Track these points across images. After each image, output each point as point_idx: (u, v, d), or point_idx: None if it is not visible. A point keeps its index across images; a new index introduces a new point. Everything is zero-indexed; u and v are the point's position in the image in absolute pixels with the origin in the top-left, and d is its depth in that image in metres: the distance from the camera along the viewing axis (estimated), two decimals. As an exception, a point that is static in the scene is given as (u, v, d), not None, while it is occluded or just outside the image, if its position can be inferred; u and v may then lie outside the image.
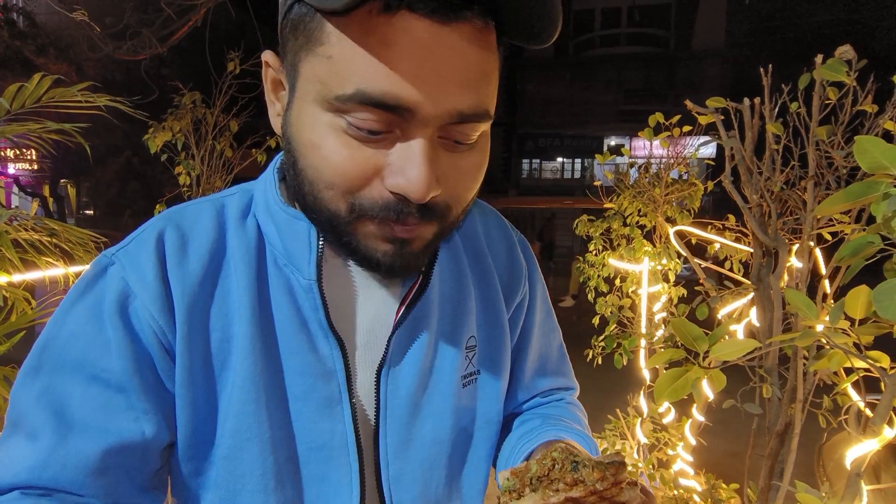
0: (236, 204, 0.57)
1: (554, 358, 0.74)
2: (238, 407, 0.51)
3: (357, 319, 0.57)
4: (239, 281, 0.53)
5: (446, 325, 0.61)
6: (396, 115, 0.44)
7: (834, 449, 1.77)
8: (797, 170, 1.15)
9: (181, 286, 0.51)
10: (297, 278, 0.54)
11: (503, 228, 0.71)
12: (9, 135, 1.39)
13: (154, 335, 0.50)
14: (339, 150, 0.46)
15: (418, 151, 0.45)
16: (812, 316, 0.66)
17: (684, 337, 0.66)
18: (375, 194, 0.47)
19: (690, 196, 1.88)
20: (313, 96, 0.46)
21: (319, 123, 0.46)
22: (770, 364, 1.21)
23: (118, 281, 0.51)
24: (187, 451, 0.52)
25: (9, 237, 1.25)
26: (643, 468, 1.76)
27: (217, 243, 0.54)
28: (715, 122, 1.24)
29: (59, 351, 0.50)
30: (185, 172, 2.55)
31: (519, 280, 0.69)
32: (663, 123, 1.68)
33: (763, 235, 1.18)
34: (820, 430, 1.32)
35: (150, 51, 3.28)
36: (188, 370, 0.51)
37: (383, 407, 0.57)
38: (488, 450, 0.64)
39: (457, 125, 0.47)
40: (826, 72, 0.95)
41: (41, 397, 0.49)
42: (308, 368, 0.54)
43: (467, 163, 0.50)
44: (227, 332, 0.52)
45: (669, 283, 2.00)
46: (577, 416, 0.71)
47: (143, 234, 0.54)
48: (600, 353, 2.00)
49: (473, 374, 0.63)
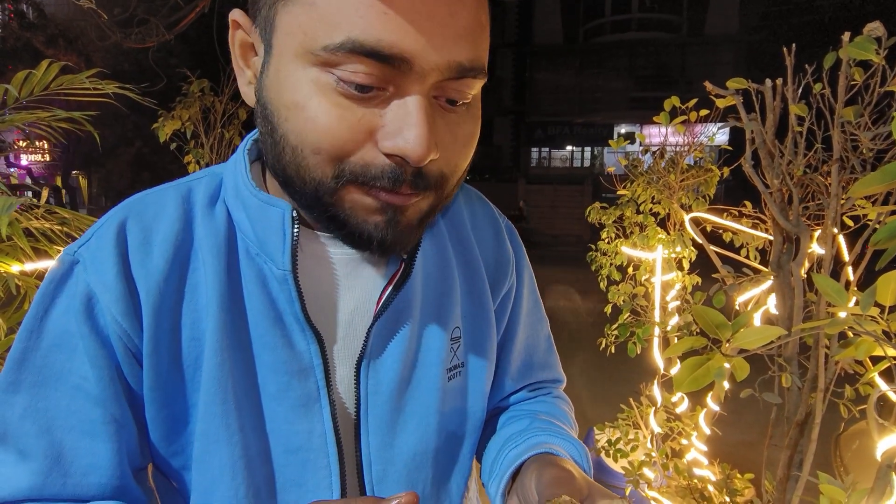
0: (203, 189, 0.53)
1: (541, 349, 0.71)
2: (204, 408, 0.48)
3: (337, 311, 0.53)
4: (208, 274, 0.49)
5: (430, 315, 0.57)
6: (391, 68, 0.40)
7: (851, 439, 1.74)
8: (820, 153, 1.11)
9: (146, 285, 0.47)
10: (270, 268, 0.50)
11: (490, 215, 0.67)
12: (18, 123, 1.39)
13: (118, 338, 0.47)
14: (328, 110, 0.41)
15: (416, 109, 0.41)
16: (842, 302, 0.64)
17: (706, 324, 0.64)
18: (368, 158, 0.43)
19: (706, 182, 1.84)
20: (294, 50, 0.42)
21: (303, 81, 0.42)
22: (790, 353, 1.18)
23: (82, 283, 0.47)
24: (169, 448, 0.50)
25: (20, 226, 1.25)
26: (657, 458, 1.74)
27: (183, 234, 0.50)
28: (733, 105, 1.20)
29: (41, 363, 0.47)
30: (195, 161, 2.55)
31: (506, 269, 0.65)
32: (679, 108, 1.64)
33: (784, 221, 1.15)
34: (835, 420, 1.29)
35: (158, 38, 3.27)
36: (156, 372, 0.48)
37: (364, 404, 0.53)
38: (473, 443, 0.62)
39: (454, 81, 0.43)
40: (854, 50, 0.91)
41: (26, 414, 0.46)
42: (282, 365, 0.50)
43: (462, 129, 0.47)
44: (198, 330, 0.49)
45: (684, 270, 1.97)
46: (564, 411, 0.69)
47: (102, 227, 0.50)
48: (613, 341, 1.98)
49: (458, 366, 0.59)
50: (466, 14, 0.42)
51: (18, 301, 1.34)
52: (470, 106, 0.47)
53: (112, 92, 1.46)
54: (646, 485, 1.73)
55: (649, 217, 1.96)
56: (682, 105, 1.65)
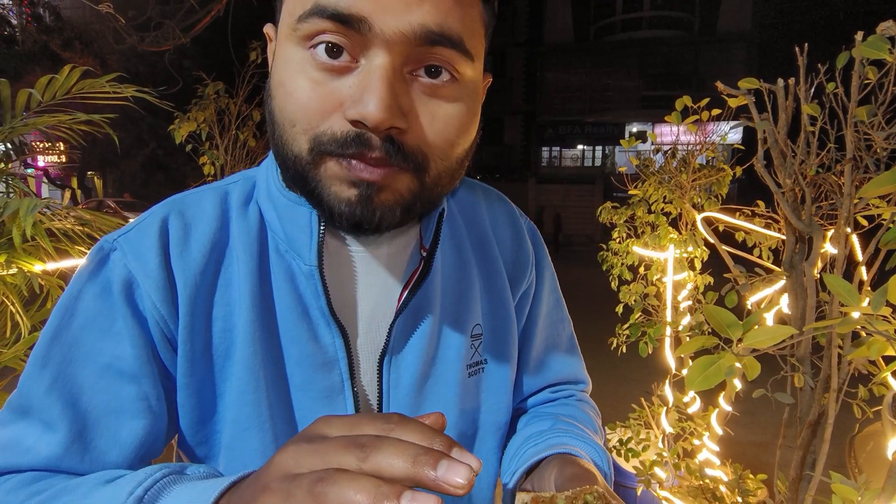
0: (239, 191, 0.56)
1: (562, 349, 0.72)
2: (237, 396, 0.51)
3: (358, 307, 0.56)
4: (241, 269, 0.52)
5: (449, 312, 0.59)
6: (355, 32, 0.42)
7: (866, 440, 1.73)
8: (833, 153, 1.11)
9: (184, 275, 0.50)
10: (298, 264, 0.52)
11: (510, 215, 0.69)
12: (41, 126, 1.42)
13: (156, 324, 0.50)
14: (303, 84, 0.44)
15: (377, 75, 0.43)
16: (853, 302, 0.64)
17: (717, 324, 0.64)
18: (336, 128, 0.44)
19: (718, 182, 1.83)
20: (284, 33, 0.46)
21: (290, 62, 0.45)
22: (802, 353, 1.18)
23: (121, 268, 0.50)
24: (196, 437, 0.52)
25: (42, 226, 1.28)
26: (668, 457, 1.74)
27: (220, 232, 0.53)
28: (744, 104, 1.20)
29: (72, 340, 0.49)
30: (210, 162, 2.58)
31: (525, 267, 0.66)
32: (691, 107, 1.64)
33: (797, 221, 1.15)
34: (848, 420, 1.29)
35: (174, 42, 3.31)
36: (190, 359, 0.50)
37: (386, 396, 0.55)
38: (497, 441, 0.63)
39: (427, 50, 0.44)
40: (867, 49, 0.91)
41: (53, 387, 0.48)
42: (309, 358, 0.52)
43: (446, 110, 0.47)
44: (230, 322, 0.51)
45: (695, 270, 1.97)
46: (588, 416, 0.68)
47: (145, 221, 0.53)
48: (624, 341, 1.98)
49: (480, 363, 0.61)
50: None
51: (41, 299, 1.38)
52: (459, 86, 0.47)
53: (131, 95, 1.49)
54: (657, 484, 1.73)
55: (661, 217, 1.96)
56: (694, 104, 1.65)
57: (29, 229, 1.09)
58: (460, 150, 0.49)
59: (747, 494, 1.58)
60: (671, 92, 17.12)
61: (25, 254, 1.29)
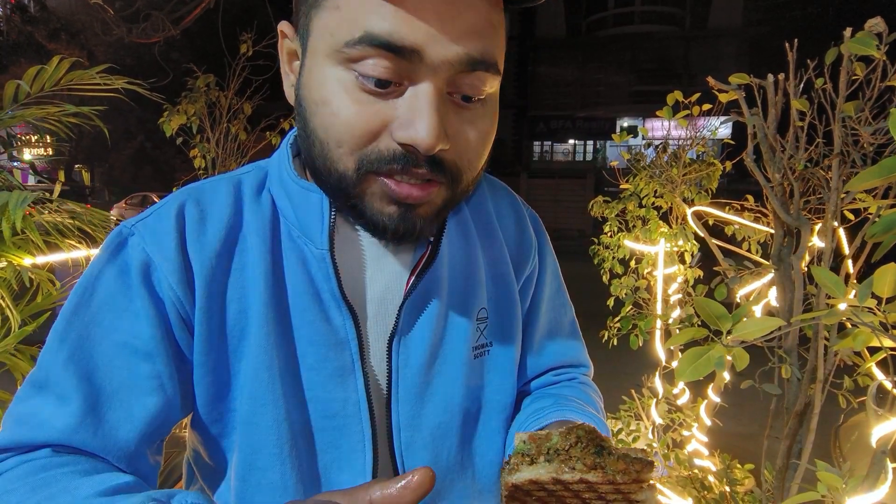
0: (252, 180, 0.59)
1: (565, 332, 0.74)
2: (252, 374, 0.52)
3: (368, 290, 0.58)
4: (254, 254, 0.54)
5: (456, 296, 0.61)
6: (404, 60, 0.44)
7: (851, 430, 1.76)
8: (821, 147, 1.13)
9: (200, 259, 0.52)
10: (310, 249, 0.55)
11: (513, 203, 0.71)
12: (29, 118, 1.40)
13: (173, 305, 0.51)
14: (349, 105, 0.46)
15: (427, 100, 0.45)
16: (840, 294, 0.65)
17: (707, 315, 0.65)
18: (383, 147, 0.47)
19: (708, 176, 1.85)
20: (323, 51, 0.47)
21: (329, 79, 0.47)
22: (790, 344, 1.20)
23: (139, 251, 0.52)
24: (211, 414, 0.54)
25: (32, 220, 1.27)
26: (658, 448, 1.77)
27: (234, 218, 0.55)
28: (735, 100, 1.21)
29: (90, 317, 0.51)
30: (201, 155, 2.56)
31: (528, 253, 0.69)
32: (682, 102, 1.65)
33: (785, 215, 1.16)
34: (834, 411, 1.31)
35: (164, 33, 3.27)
36: (206, 339, 0.52)
37: (395, 376, 0.57)
38: (502, 421, 0.64)
39: (466, 75, 0.47)
40: (855, 45, 0.92)
41: (70, 361, 0.50)
42: (320, 338, 0.54)
43: (477, 126, 0.50)
44: (244, 304, 0.53)
45: (685, 264, 1.99)
46: (590, 397, 0.70)
47: (162, 207, 0.55)
48: (615, 334, 2.00)
49: (485, 345, 0.63)
50: (474, 13, 0.46)
51: (31, 293, 1.37)
52: (486, 103, 0.51)
53: (121, 87, 1.47)
54: (647, 475, 1.75)
55: (652, 211, 1.98)
56: (685, 99, 1.66)
57: (19, 222, 1.08)
58: (485, 159, 0.54)
59: (735, 484, 1.61)
60: (662, 87, 17.16)
61: (15, 247, 1.28)
